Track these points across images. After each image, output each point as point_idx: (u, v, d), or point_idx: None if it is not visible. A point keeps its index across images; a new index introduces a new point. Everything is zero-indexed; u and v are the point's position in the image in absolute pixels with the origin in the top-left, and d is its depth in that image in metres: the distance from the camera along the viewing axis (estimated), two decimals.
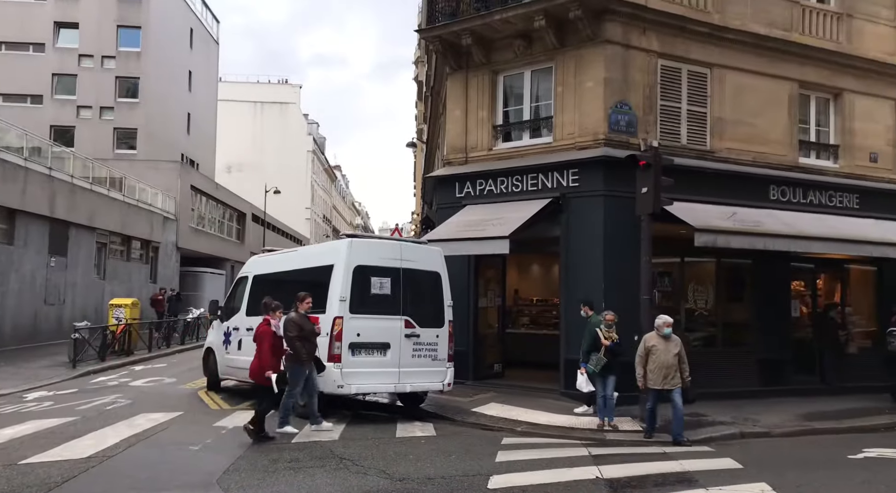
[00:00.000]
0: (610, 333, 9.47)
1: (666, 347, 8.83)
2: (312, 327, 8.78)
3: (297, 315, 8.64)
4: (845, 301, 14.41)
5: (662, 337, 8.89)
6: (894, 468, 7.70)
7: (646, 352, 8.88)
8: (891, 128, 14.29)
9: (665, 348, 8.82)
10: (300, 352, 8.43)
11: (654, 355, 8.80)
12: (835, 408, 11.44)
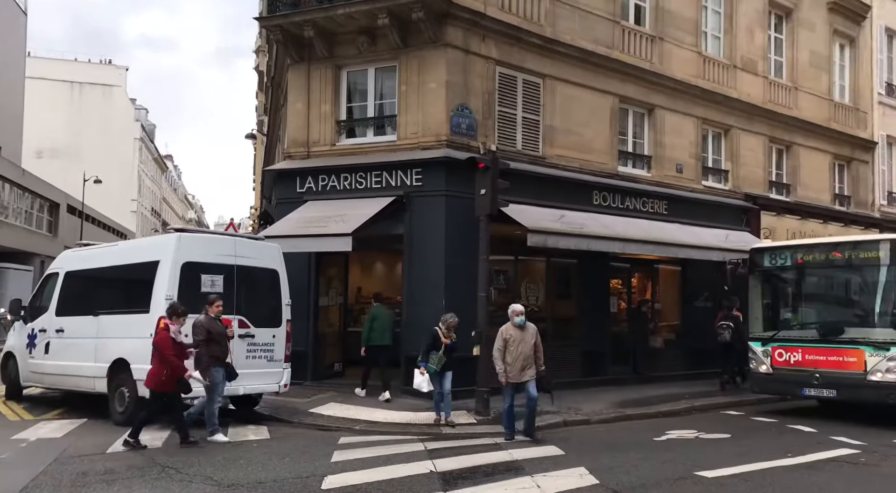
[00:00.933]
0: (450, 333, 9.56)
1: (522, 337, 8.69)
2: (223, 329, 8.48)
3: (206, 318, 8.34)
4: (655, 298, 15.98)
5: (517, 327, 8.73)
6: (692, 446, 8.65)
7: (504, 344, 8.70)
8: (694, 143, 16.08)
9: (521, 338, 8.68)
10: (201, 357, 8.10)
11: (512, 346, 8.62)
12: (645, 395, 12.65)
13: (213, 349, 8.29)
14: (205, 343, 8.23)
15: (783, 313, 11.73)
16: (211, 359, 8.26)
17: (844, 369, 10.28)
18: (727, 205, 16.63)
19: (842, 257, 10.84)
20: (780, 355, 11.07)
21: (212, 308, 8.48)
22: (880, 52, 20.74)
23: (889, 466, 7.75)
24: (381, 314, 11.72)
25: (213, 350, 8.29)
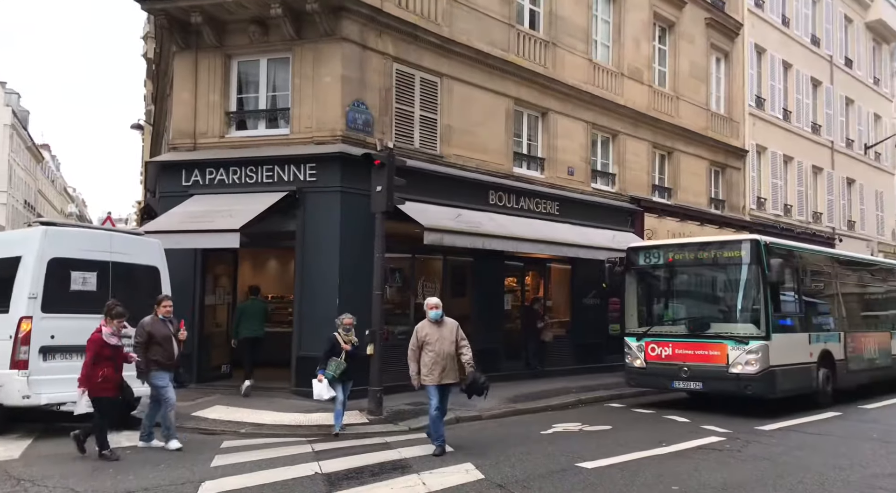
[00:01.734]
0: (349, 336, 8.99)
1: (440, 334, 7.69)
2: (168, 331, 7.83)
3: (150, 319, 7.77)
4: (547, 295, 16.48)
5: (433, 323, 7.79)
6: (575, 439, 8.98)
7: (419, 344, 7.75)
8: (584, 146, 16.72)
9: (440, 335, 7.68)
10: (140, 362, 7.53)
11: (429, 345, 7.65)
12: (536, 390, 13.02)
13: (154, 353, 7.69)
14: (144, 346, 7.65)
15: (656, 310, 12.40)
16: (150, 363, 7.66)
17: (709, 362, 11.01)
18: (614, 207, 17.42)
19: (708, 256, 11.60)
20: (652, 349, 11.70)
21: (160, 308, 7.96)
22: (751, 67, 22.44)
23: (749, 451, 8.37)
24: (246, 309, 11.73)
25: (154, 354, 7.69)
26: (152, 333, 7.74)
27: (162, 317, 7.94)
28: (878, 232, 30.19)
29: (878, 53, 30.82)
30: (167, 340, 7.85)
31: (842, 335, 12.89)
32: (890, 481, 7.08)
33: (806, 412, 11.29)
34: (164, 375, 7.79)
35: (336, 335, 8.92)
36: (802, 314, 12.09)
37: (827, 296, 13.32)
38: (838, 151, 27.35)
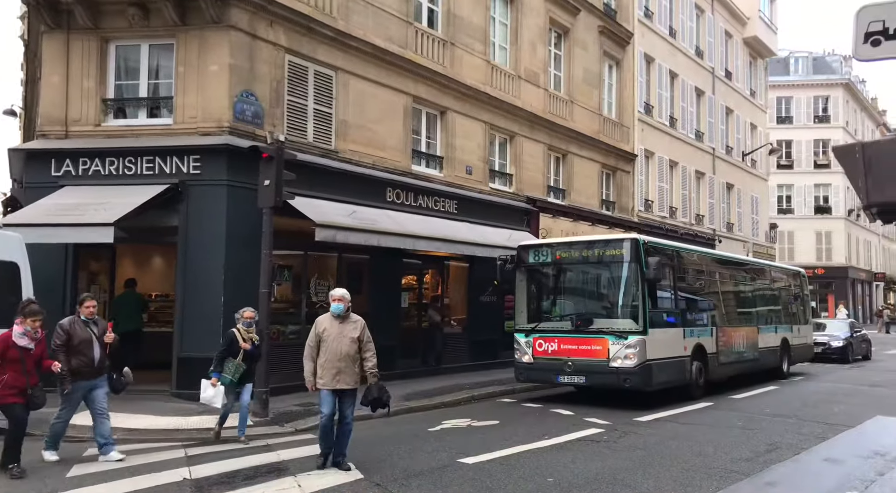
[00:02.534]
0: (250, 333, 8.25)
1: (341, 330, 6.70)
2: (89, 335, 7.00)
3: (69, 320, 7.08)
4: (445, 293, 16.61)
5: (335, 317, 6.77)
6: (462, 435, 9.07)
7: (317, 340, 6.79)
8: (483, 146, 16.96)
9: (339, 331, 6.68)
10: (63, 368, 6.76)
11: (325, 342, 6.70)
12: (431, 387, 13.08)
13: (71, 358, 6.91)
14: (62, 350, 6.89)
15: (544, 306, 12.76)
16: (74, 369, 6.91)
17: (592, 356, 11.46)
18: (511, 206, 17.79)
19: (592, 254, 12.08)
20: (539, 345, 12.05)
21: (81, 309, 7.21)
22: (641, 75, 23.59)
23: (625, 442, 8.76)
24: (120, 302, 11.39)
25: (71, 359, 6.91)
26: (71, 335, 7.00)
27: (84, 318, 7.19)
28: (753, 234, 32.55)
29: (754, 67, 33.24)
30: (87, 344, 7.08)
31: (714, 330, 13.76)
32: (747, 464, 7.61)
33: (680, 403, 11.96)
34: (80, 384, 7.03)
35: (235, 332, 8.21)
36: (678, 310, 12.79)
37: (701, 293, 14.18)
38: (719, 158, 29.26)
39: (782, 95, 47.26)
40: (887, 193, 2.67)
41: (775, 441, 8.97)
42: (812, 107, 47.55)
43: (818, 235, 47.50)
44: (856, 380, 16.91)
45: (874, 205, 2.72)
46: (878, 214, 2.83)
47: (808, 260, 46.66)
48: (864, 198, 2.73)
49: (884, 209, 2.77)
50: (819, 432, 9.75)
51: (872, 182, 2.69)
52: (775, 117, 46.69)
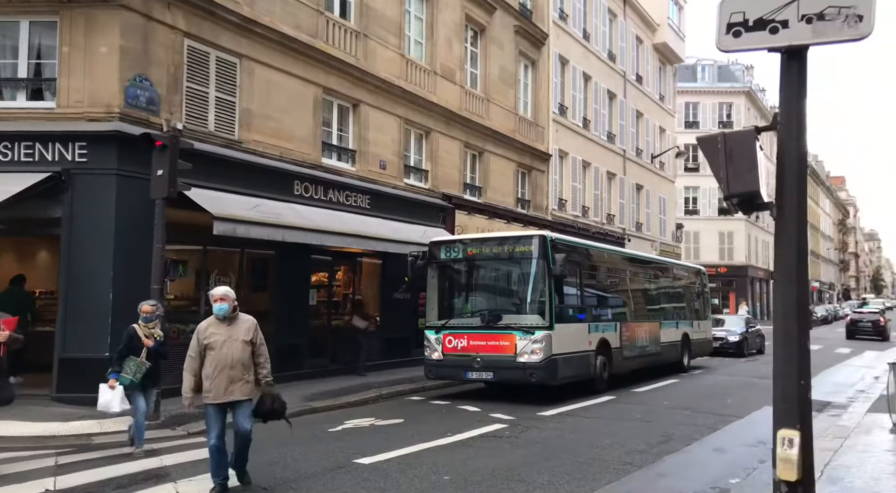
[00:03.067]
0: (151, 328, 7.52)
1: (229, 334, 5.83)
2: None
3: None
4: (357, 290, 16.30)
5: (221, 320, 5.90)
6: (363, 434, 8.86)
7: (201, 347, 5.87)
8: (397, 141, 16.75)
9: (228, 335, 5.82)
10: None
11: (213, 349, 5.79)
12: (339, 386, 12.78)
13: None
14: None
15: (454, 303, 12.74)
16: None
17: (500, 352, 11.52)
18: (426, 203, 17.67)
19: (502, 251, 12.14)
20: (449, 342, 12.00)
21: None
22: (556, 76, 24.01)
23: (526, 437, 8.81)
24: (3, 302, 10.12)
25: None
26: None
27: None
28: (660, 233, 33.90)
29: (664, 73, 34.61)
30: None
31: (618, 325, 14.14)
32: (640, 456, 7.79)
33: (585, 397, 12.21)
34: None
35: (135, 328, 7.50)
36: (584, 306, 13.06)
37: (607, 289, 14.55)
38: (629, 160, 30.27)
39: (690, 101, 49.51)
40: (746, 183, 2.69)
41: (670, 433, 9.26)
42: (717, 113, 50.08)
43: (721, 236, 50.09)
44: (749, 373, 17.83)
45: (734, 195, 2.74)
46: (738, 205, 2.86)
47: (711, 259, 49.12)
48: (724, 188, 2.74)
49: (743, 199, 2.80)
50: (711, 423, 10.15)
51: (733, 172, 2.71)
52: (683, 122, 48.83)
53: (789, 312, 2.78)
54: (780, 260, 2.81)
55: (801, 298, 2.76)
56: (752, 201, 2.82)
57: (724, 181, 2.75)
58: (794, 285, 2.74)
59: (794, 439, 2.62)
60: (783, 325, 2.81)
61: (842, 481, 6.52)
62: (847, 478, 6.61)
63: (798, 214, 2.73)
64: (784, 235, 2.80)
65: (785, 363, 2.78)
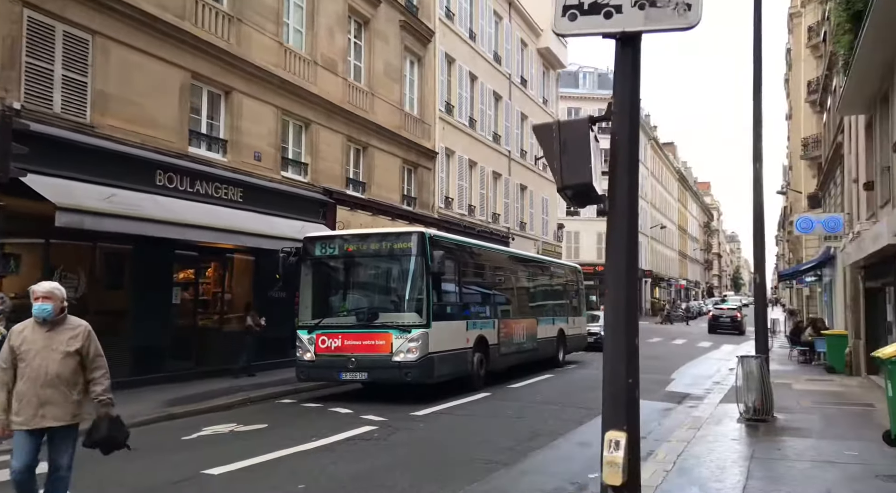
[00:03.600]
0: None
1: (47, 341, 4.66)
2: None
3: None
4: (228, 288, 15.44)
5: (40, 324, 4.69)
6: (219, 442, 8.28)
7: (12, 357, 4.68)
8: (274, 132, 16.02)
9: (46, 343, 4.65)
10: None
11: (24, 361, 4.63)
12: (203, 390, 11.98)
13: None
14: None
15: (330, 301, 12.33)
16: None
17: (375, 352, 11.24)
18: (306, 197, 17.06)
19: (379, 247, 11.86)
20: (322, 342, 11.58)
21: None
22: (442, 73, 24.04)
23: (395, 438, 8.58)
24: None
25: None
26: None
27: None
28: (543, 233, 34.94)
29: (547, 77, 35.69)
30: None
31: (496, 322, 14.26)
32: (508, 454, 7.76)
33: (462, 394, 12.17)
34: None
35: None
36: (462, 303, 13.04)
37: (485, 286, 14.63)
38: (514, 161, 30.92)
39: (572, 106, 51.49)
40: (580, 175, 2.57)
41: (538, 428, 9.36)
42: None
43: (600, 236, 52.46)
44: None
45: (568, 187, 2.62)
46: (572, 198, 2.74)
47: (591, 258, 51.40)
48: (559, 179, 2.61)
49: (578, 192, 2.69)
50: (579, 417, 10.38)
51: (567, 163, 2.58)
52: None
53: (618, 308, 2.70)
54: (611, 255, 2.71)
55: (630, 294, 2.69)
56: (587, 194, 2.71)
57: (559, 172, 2.62)
58: (623, 280, 2.66)
59: (621, 441, 2.54)
60: (612, 321, 2.73)
61: (691, 472, 6.77)
62: (696, 469, 6.88)
63: (629, 207, 2.65)
64: (615, 229, 2.71)
65: (613, 362, 2.70)
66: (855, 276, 16.63)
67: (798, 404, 11.18)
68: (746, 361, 9.83)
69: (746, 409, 9.65)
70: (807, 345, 19.68)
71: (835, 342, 17.12)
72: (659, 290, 67.30)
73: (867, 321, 15.86)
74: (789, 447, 7.88)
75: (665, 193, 72.28)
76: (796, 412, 10.45)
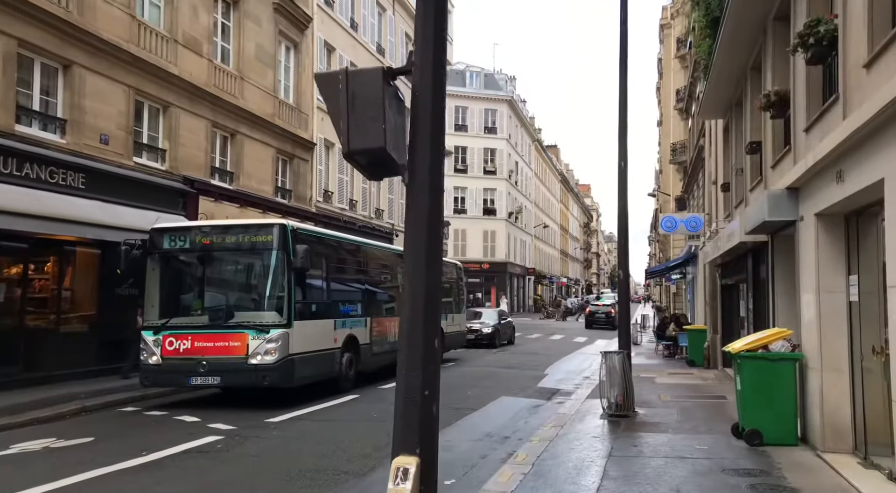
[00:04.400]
0: None
1: None
2: None
3: None
4: (69, 285, 13.78)
5: None
6: (26, 462, 7.15)
7: None
8: (125, 113, 14.50)
9: None
10: None
11: None
12: (28, 400, 10.51)
13: None
14: None
15: (180, 299, 11.26)
16: None
17: (229, 354, 10.33)
18: (163, 186, 15.63)
19: (236, 241, 10.91)
20: (170, 343, 10.51)
21: None
22: (321, 62, 23.07)
23: (240, 449, 7.78)
24: None
25: None
26: None
27: None
28: None
29: None
30: None
31: (368, 321, 13.65)
32: (362, 462, 7.21)
33: (327, 397, 11.49)
34: None
35: None
36: (329, 301, 12.33)
37: (357, 282, 13.97)
38: None
39: (459, 105, 51.78)
40: (371, 138, 2.04)
41: None
42: (483, 118, 53.03)
43: (485, 234, 53.18)
44: (497, 363, 18.62)
45: (357, 153, 2.08)
46: (367, 168, 2.21)
47: (476, 256, 51.98)
48: (344, 142, 2.07)
49: (372, 160, 2.16)
50: (446, 417, 9.90)
51: (354, 122, 2.05)
52: (454, 125, 50.97)
53: (416, 302, 2.20)
54: (410, 237, 2.21)
55: (431, 283, 2.21)
56: (382, 163, 2.20)
57: (345, 134, 2.09)
58: (423, 268, 2.18)
59: (410, 468, 2.05)
60: (409, 317, 2.23)
61: (548, 474, 6.52)
62: (553, 470, 6.64)
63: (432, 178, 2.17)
64: (415, 206, 2.22)
65: (408, 368, 2.20)
66: (713, 273, 17.52)
67: (659, 399, 11.43)
68: (609, 356, 9.85)
69: (609, 405, 9.66)
70: (671, 340, 20.58)
71: (695, 337, 17.95)
72: (542, 287, 69.39)
73: (723, 317, 16.73)
74: (646, 444, 7.87)
75: (548, 194, 74.65)
76: (656, 406, 10.64)
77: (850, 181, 6.06)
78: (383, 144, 2.09)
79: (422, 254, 2.20)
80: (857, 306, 6.86)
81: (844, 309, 7.01)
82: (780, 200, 8.10)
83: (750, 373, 7.60)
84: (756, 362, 7.56)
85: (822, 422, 7.09)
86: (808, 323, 7.53)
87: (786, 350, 7.58)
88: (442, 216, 2.34)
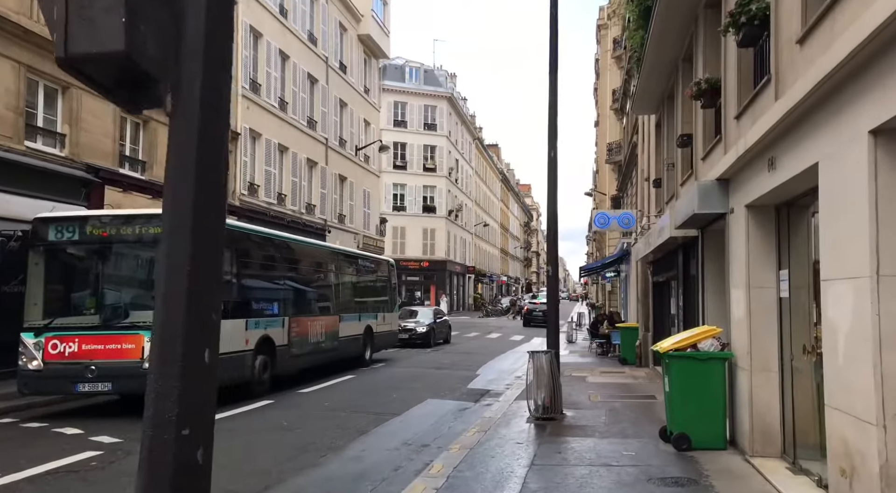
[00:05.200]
0: None
1: None
2: None
3: None
4: None
5: None
6: None
7: None
8: (14, 92, 13.12)
9: None
10: None
11: None
12: None
13: None
14: None
15: (66, 297, 10.15)
16: None
17: (122, 358, 9.31)
18: (62, 174, 14.25)
19: (133, 232, 9.86)
20: (54, 346, 9.42)
21: None
22: (247, 48, 21.86)
23: (119, 467, 6.89)
24: None
25: None
26: None
27: None
28: (364, 226, 33.76)
29: (369, 65, 34.51)
30: None
31: (286, 321, 12.77)
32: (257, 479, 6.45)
33: (237, 403, 10.59)
34: None
35: None
36: (240, 300, 11.41)
37: (273, 280, 13.07)
38: (332, 149, 29.37)
39: (398, 100, 50.95)
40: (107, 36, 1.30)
41: (310, 442, 8.11)
42: (423, 114, 52.34)
43: (425, 232, 52.52)
44: (429, 363, 17.96)
45: (79, 58, 1.33)
46: (112, 91, 1.48)
47: (416, 254, 51.30)
48: (60, 45, 1.34)
49: (120, 78, 1.43)
50: (363, 424, 9.28)
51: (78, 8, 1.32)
52: (392, 120, 50.12)
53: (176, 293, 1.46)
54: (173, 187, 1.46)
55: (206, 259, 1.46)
56: (135, 81, 1.45)
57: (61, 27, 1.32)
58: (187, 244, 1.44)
59: None
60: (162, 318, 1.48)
61: (462, 487, 5.89)
62: (470, 484, 6.02)
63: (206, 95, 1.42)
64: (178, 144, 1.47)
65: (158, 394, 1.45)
66: (645, 270, 17.37)
67: (588, 400, 11.01)
68: (537, 356, 9.34)
69: (536, 407, 9.14)
70: (604, 337, 20.43)
71: (627, 335, 17.78)
72: (482, 285, 69.25)
73: (655, 314, 16.58)
74: (571, 450, 7.35)
75: (489, 193, 74.61)
76: (585, 407, 10.20)
77: (783, 168, 5.67)
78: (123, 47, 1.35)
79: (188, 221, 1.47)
80: (788, 302, 6.51)
81: (775, 306, 6.66)
82: (711, 192, 7.74)
83: (678, 374, 7.18)
84: (684, 362, 7.15)
85: (751, 425, 6.73)
86: (737, 321, 7.17)
87: (715, 349, 7.21)
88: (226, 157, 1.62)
